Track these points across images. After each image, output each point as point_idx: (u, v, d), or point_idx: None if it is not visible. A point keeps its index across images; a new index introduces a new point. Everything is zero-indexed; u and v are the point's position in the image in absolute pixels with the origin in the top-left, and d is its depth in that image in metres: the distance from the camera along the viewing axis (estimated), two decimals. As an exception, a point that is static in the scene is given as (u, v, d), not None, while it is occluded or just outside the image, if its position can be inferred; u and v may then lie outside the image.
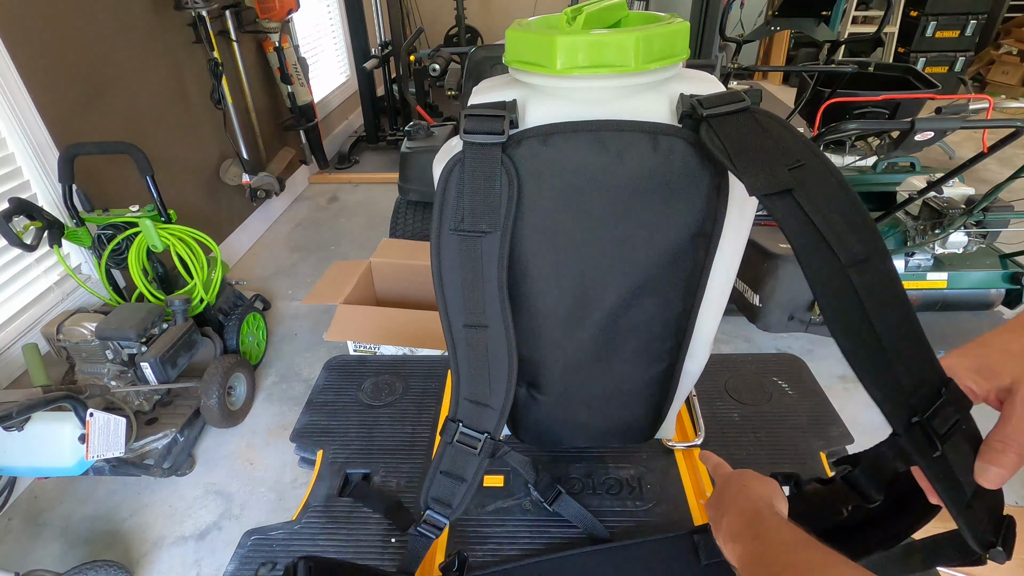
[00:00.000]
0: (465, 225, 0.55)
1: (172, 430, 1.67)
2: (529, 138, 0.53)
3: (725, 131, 0.49)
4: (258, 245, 3.08)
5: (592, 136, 0.53)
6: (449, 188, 0.55)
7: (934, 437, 0.43)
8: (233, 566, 0.75)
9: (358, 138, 4.10)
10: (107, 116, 2.10)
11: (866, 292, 0.45)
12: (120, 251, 1.82)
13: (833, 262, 0.45)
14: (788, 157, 0.48)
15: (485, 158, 0.53)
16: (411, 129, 2.31)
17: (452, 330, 0.61)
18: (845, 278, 0.45)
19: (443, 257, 0.57)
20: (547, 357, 0.69)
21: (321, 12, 3.96)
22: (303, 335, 2.35)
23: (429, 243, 0.58)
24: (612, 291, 0.62)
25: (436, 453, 0.69)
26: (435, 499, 0.69)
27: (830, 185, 0.47)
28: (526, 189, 0.55)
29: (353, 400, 1.02)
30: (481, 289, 0.58)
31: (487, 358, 0.62)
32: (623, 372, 0.71)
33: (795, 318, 1.94)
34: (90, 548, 1.56)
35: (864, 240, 0.46)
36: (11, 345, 1.73)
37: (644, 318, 0.64)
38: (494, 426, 0.65)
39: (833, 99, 2.32)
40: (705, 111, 0.50)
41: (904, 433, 0.45)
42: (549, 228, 0.58)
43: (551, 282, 0.61)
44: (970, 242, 2.03)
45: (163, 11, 2.35)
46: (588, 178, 0.54)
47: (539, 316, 0.64)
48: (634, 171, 0.54)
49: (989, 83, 4.83)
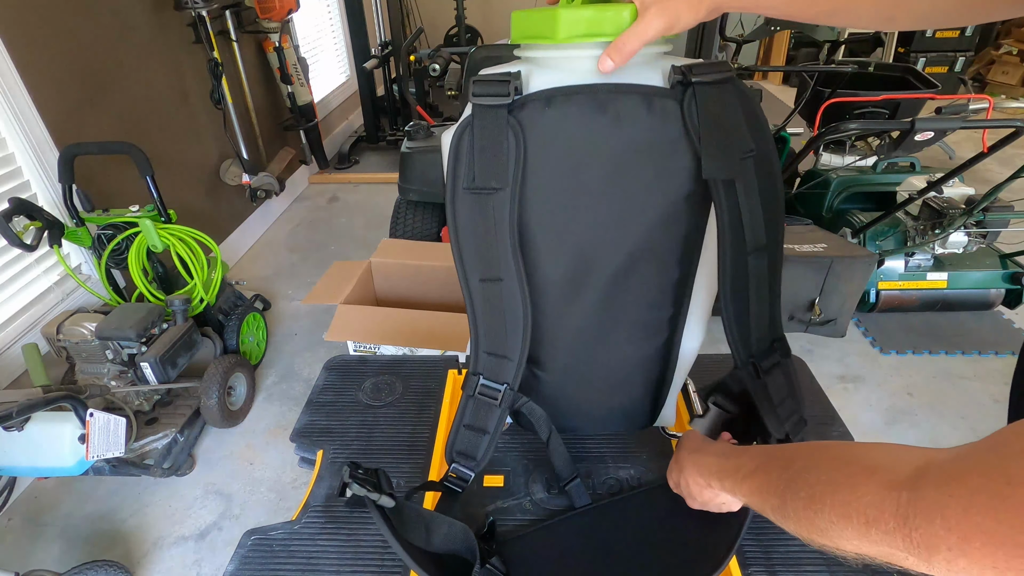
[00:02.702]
0: (477, 183, 0.59)
1: (172, 430, 1.67)
2: (533, 100, 0.57)
3: (705, 103, 0.56)
4: (258, 245, 3.08)
5: (591, 98, 0.57)
6: (461, 150, 0.59)
7: (759, 371, 0.65)
8: (233, 566, 0.75)
9: (358, 138, 4.10)
10: (107, 116, 2.10)
11: (754, 272, 0.60)
12: (120, 251, 1.82)
13: (741, 247, 0.59)
14: (745, 144, 0.57)
15: (493, 119, 0.57)
16: (411, 129, 2.31)
17: (469, 286, 0.64)
18: (744, 261, 0.60)
19: (458, 215, 0.61)
20: (550, 328, 0.71)
21: (321, 12, 3.96)
22: (303, 335, 2.35)
23: (429, 242, 0.60)
24: (611, 254, 0.65)
25: (458, 409, 0.72)
26: (459, 452, 0.73)
27: (766, 177, 0.59)
28: (532, 148, 0.58)
29: (353, 400, 1.02)
30: (494, 244, 0.61)
31: (503, 310, 0.65)
32: (623, 344, 0.73)
33: (795, 318, 1.94)
34: (90, 548, 1.56)
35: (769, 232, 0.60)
36: (11, 345, 1.73)
37: (643, 284, 0.67)
38: (512, 376, 0.68)
39: (833, 99, 2.32)
40: (694, 77, 0.55)
41: (742, 367, 0.65)
42: (551, 190, 0.61)
43: (553, 247, 0.64)
44: (970, 242, 2.03)
45: (163, 11, 2.35)
46: (587, 138, 0.58)
47: (542, 283, 0.67)
48: (630, 131, 0.58)
49: (989, 83, 4.83)
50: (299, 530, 0.80)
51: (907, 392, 1.99)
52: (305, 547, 0.77)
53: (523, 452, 0.90)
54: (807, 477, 0.45)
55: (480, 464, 0.73)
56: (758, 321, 0.63)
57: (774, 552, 0.74)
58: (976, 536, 0.31)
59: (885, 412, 1.91)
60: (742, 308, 0.62)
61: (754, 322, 0.63)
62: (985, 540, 0.30)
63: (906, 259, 2.12)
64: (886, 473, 0.38)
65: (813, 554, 0.73)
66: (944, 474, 0.34)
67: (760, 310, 0.63)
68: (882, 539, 0.36)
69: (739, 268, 0.60)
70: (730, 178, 0.57)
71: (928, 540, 0.33)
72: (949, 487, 0.33)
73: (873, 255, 1.91)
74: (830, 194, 2.34)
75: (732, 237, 0.59)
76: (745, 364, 0.65)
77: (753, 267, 0.60)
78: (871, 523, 0.37)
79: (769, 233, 0.60)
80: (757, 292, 0.62)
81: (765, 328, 0.64)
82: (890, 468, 0.38)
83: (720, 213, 0.58)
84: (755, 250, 0.60)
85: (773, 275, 0.62)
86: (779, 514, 0.47)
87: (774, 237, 0.60)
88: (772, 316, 0.64)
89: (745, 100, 0.58)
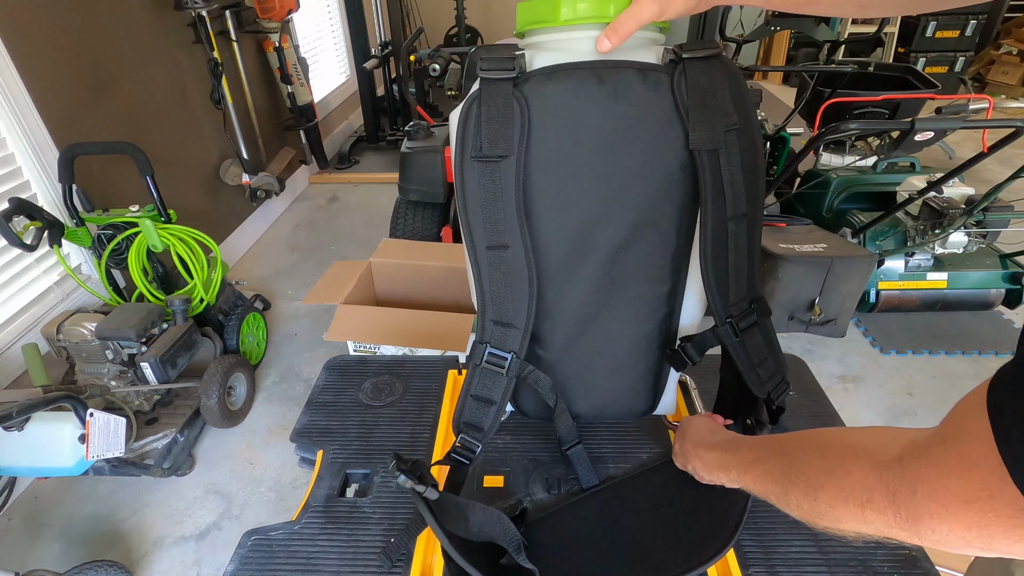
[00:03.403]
0: (484, 152, 0.62)
1: (172, 430, 1.67)
2: (536, 75, 0.62)
3: (693, 77, 0.60)
4: (258, 245, 3.08)
5: (591, 72, 0.61)
6: (469, 121, 0.62)
7: (737, 329, 0.69)
8: (233, 566, 0.75)
9: (358, 138, 4.09)
10: (107, 116, 2.10)
11: (733, 237, 0.64)
12: (120, 251, 1.82)
13: (722, 213, 0.63)
14: (729, 117, 0.61)
15: (499, 92, 0.61)
16: (411, 129, 2.31)
17: (477, 254, 0.66)
18: (725, 226, 0.64)
19: (466, 183, 0.64)
20: (551, 302, 0.72)
21: (321, 12, 3.96)
22: (303, 335, 2.35)
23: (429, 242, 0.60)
24: (614, 225, 0.67)
25: (465, 379, 0.73)
26: (467, 423, 0.74)
27: (748, 150, 0.63)
28: (535, 119, 0.62)
29: (353, 400, 1.02)
30: (501, 210, 0.64)
31: (509, 278, 0.67)
32: (623, 321, 0.74)
33: (795, 318, 1.94)
34: (90, 548, 1.56)
35: (749, 201, 0.64)
36: (11, 345, 1.73)
37: (643, 257, 0.70)
38: (519, 345, 0.70)
39: (833, 99, 2.32)
40: (685, 53, 0.60)
41: (721, 325, 0.69)
42: (554, 161, 0.64)
43: (556, 218, 0.67)
44: (970, 242, 2.03)
45: (163, 11, 2.35)
46: (587, 110, 0.62)
47: (544, 256, 0.69)
48: (627, 103, 0.62)
49: (989, 83, 4.83)
50: (299, 530, 0.80)
51: (907, 392, 1.99)
52: (305, 547, 0.77)
53: (523, 452, 0.90)
54: (802, 466, 0.48)
55: (487, 435, 0.74)
56: (736, 282, 0.67)
57: (774, 552, 0.74)
58: (951, 500, 0.33)
59: (885, 412, 1.91)
60: (721, 269, 0.66)
61: (733, 283, 0.67)
62: (958, 502, 0.33)
63: (906, 259, 2.12)
64: (874, 455, 0.40)
65: (813, 554, 0.73)
66: (921, 448, 0.36)
67: (739, 272, 0.67)
68: (876, 518, 0.39)
69: (719, 232, 0.64)
70: (714, 149, 0.61)
71: (913, 512, 0.35)
72: (926, 458, 0.36)
73: (873, 255, 1.91)
74: (830, 194, 2.34)
75: (714, 204, 0.63)
76: (724, 322, 0.69)
77: (733, 232, 0.64)
78: (865, 504, 0.39)
79: (749, 201, 0.64)
80: (736, 255, 0.66)
81: (744, 289, 0.68)
82: (877, 450, 0.40)
83: (704, 181, 0.62)
84: (735, 216, 0.64)
85: (751, 240, 0.67)
86: (782, 501, 0.50)
87: (754, 205, 0.65)
88: (750, 278, 0.69)
89: (731, 76, 0.62)
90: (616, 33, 0.58)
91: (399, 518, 0.81)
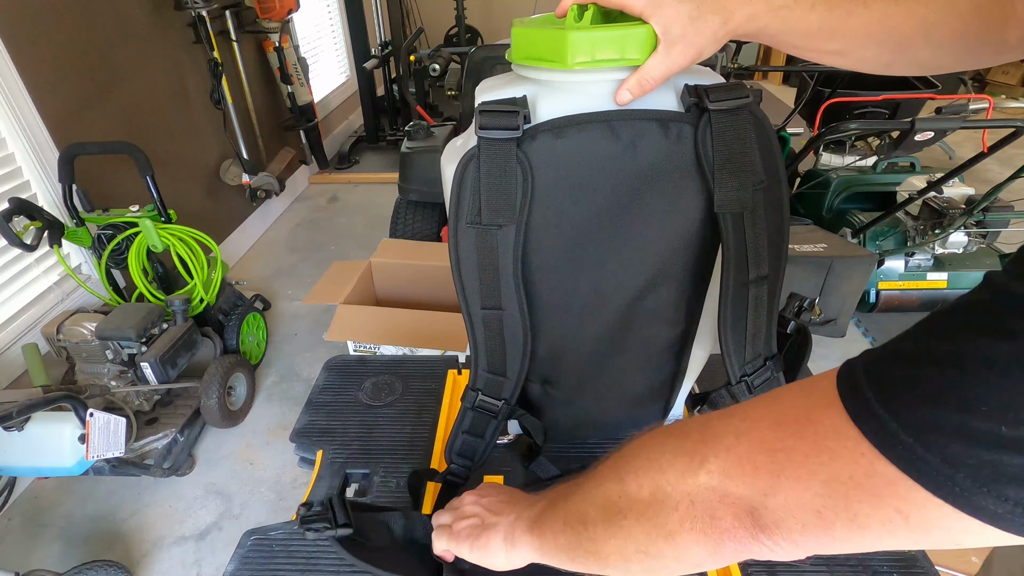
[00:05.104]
0: (482, 219, 0.57)
1: (172, 430, 1.67)
2: (543, 132, 0.55)
3: (720, 132, 0.54)
4: (258, 245, 3.08)
5: (605, 126, 0.54)
6: (465, 183, 0.57)
7: (751, 388, 0.67)
8: (233, 566, 0.75)
9: (358, 138, 4.09)
10: (107, 116, 2.10)
11: (753, 300, 0.61)
12: (120, 251, 1.82)
13: (744, 276, 0.59)
14: (756, 176, 0.56)
15: (500, 153, 0.55)
16: (411, 129, 2.31)
17: (471, 312, 0.64)
18: (746, 289, 0.60)
19: (461, 249, 0.60)
20: (563, 350, 0.71)
21: (321, 12, 3.96)
22: (303, 335, 2.35)
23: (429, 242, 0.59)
24: (627, 283, 0.63)
25: (457, 417, 0.74)
26: (458, 454, 0.76)
27: (773, 209, 0.59)
28: (540, 183, 0.56)
29: (353, 400, 1.02)
30: (497, 278, 0.60)
31: (503, 336, 0.65)
32: (636, 363, 0.73)
33: (795, 318, 1.94)
34: (90, 548, 1.56)
35: (771, 263, 0.60)
36: (11, 345, 1.73)
37: (658, 305, 0.66)
38: (510, 394, 0.70)
39: (833, 99, 2.32)
40: (711, 104, 0.53)
41: (735, 384, 0.66)
42: (563, 222, 0.59)
43: (566, 276, 0.63)
44: (970, 242, 2.03)
45: (163, 11, 2.35)
46: (601, 167, 0.56)
47: (554, 309, 0.66)
48: (646, 157, 0.55)
49: (989, 83, 4.83)
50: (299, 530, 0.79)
51: (907, 392, 1.99)
52: (305, 547, 0.77)
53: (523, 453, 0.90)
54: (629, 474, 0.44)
55: (476, 465, 0.76)
56: (754, 343, 0.65)
57: (774, 552, 0.74)
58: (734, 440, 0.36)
59: (885, 412, 1.91)
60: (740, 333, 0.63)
61: (750, 344, 0.64)
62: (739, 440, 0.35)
63: (906, 259, 2.12)
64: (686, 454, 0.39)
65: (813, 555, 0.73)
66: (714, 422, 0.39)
67: (756, 332, 0.64)
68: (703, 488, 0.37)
69: (740, 296, 0.61)
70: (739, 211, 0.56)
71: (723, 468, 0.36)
72: (724, 421, 0.38)
73: (873, 255, 1.91)
74: (830, 194, 2.34)
75: (735, 267, 0.59)
76: (738, 381, 0.66)
77: (753, 295, 0.61)
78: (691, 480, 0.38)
79: (772, 262, 0.60)
80: (755, 317, 0.63)
81: (761, 348, 0.66)
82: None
83: (726, 245, 0.57)
84: (757, 279, 0.60)
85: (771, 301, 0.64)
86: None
87: (776, 266, 0.61)
88: (768, 337, 0.66)
89: (760, 128, 0.56)
90: (642, 87, 0.52)
91: (399, 518, 0.81)
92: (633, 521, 0.41)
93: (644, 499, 0.40)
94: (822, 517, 0.32)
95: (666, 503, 0.38)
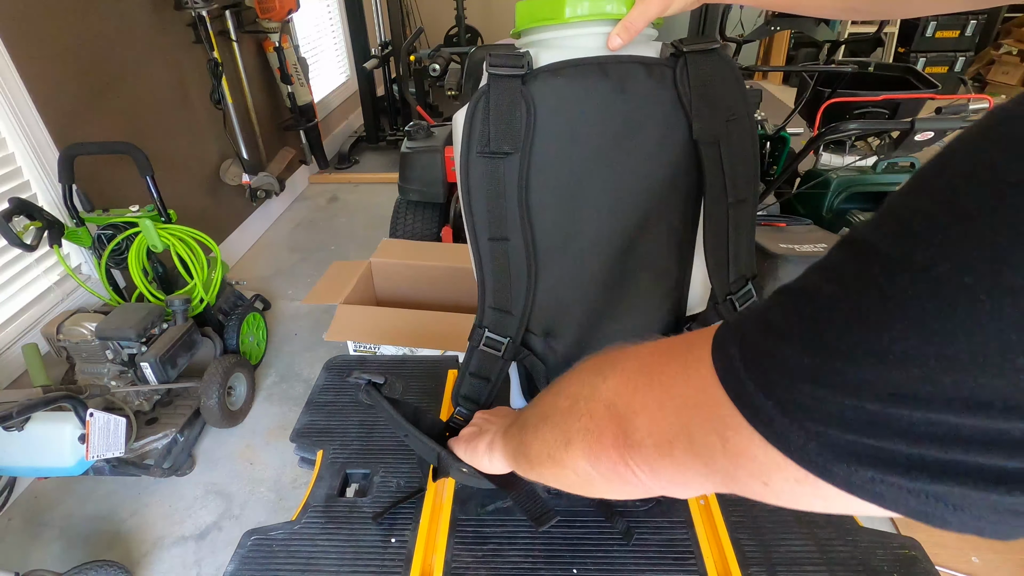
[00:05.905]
0: (491, 147, 0.63)
1: (172, 430, 1.67)
2: (544, 72, 0.63)
3: (695, 71, 0.63)
4: (258, 245, 3.08)
5: (598, 68, 0.62)
6: (476, 116, 0.64)
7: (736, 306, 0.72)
8: (233, 566, 0.75)
9: (358, 138, 4.09)
10: (107, 116, 2.10)
11: (733, 222, 0.68)
12: (120, 251, 1.82)
13: (724, 200, 0.67)
14: (728, 110, 0.64)
15: (507, 88, 0.62)
16: (411, 129, 2.31)
17: (479, 244, 0.69)
18: (726, 212, 0.67)
19: (471, 177, 0.65)
20: (563, 300, 0.74)
21: (321, 12, 3.96)
22: (303, 335, 2.35)
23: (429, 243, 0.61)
24: (622, 217, 0.68)
25: (464, 357, 0.76)
26: (465, 397, 0.78)
27: (746, 139, 0.66)
28: (541, 117, 0.63)
29: (353, 400, 1.02)
30: (503, 205, 0.66)
31: (509, 269, 0.69)
32: (634, 313, 0.76)
33: (795, 318, 1.93)
34: (90, 548, 1.56)
35: (747, 187, 0.67)
36: (11, 345, 1.73)
37: (652, 249, 0.71)
38: (515, 331, 0.73)
39: (833, 99, 2.32)
40: (686, 47, 0.63)
41: (721, 303, 0.72)
42: (562, 159, 0.65)
43: (564, 217, 0.68)
44: (970, 242, 2.03)
45: (163, 11, 2.35)
46: (594, 104, 0.63)
47: (555, 251, 0.70)
48: (633, 95, 0.63)
49: (989, 83, 4.83)
50: (299, 530, 0.80)
51: (907, 392, 1.99)
52: (305, 547, 0.77)
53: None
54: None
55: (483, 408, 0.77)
56: (735, 262, 0.71)
57: (774, 552, 0.74)
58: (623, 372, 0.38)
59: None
60: (722, 252, 0.70)
61: (732, 263, 0.71)
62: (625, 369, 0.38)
63: (906, 259, 2.11)
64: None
65: (813, 554, 0.73)
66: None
67: (737, 252, 0.70)
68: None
69: (721, 219, 0.68)
70: (715, 140, 0.64)
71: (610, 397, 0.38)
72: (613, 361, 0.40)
73: (873, 255, 1.90)
74: (830, 194, 2.34)
75: (715, 192, 0.66)
76: (724, 300, 0.72)
77: (733, 217, 0.68)
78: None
79: (747, 187, 0.68)
80: (735, 237, 0.69)
81: (742, 267, 0.72)
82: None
83: (706, 171, 0.65)
84: (735, 202, 0.67)
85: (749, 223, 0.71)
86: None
87: (750, 190, 0.69)
88: (748, 257, 0.73)
89: (728, 68, 0.65)
90: (628, 31, 0.60)
91: (399, 518, 0.81)
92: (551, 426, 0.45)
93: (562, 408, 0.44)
94: (671, 444, 0.33)
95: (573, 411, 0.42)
